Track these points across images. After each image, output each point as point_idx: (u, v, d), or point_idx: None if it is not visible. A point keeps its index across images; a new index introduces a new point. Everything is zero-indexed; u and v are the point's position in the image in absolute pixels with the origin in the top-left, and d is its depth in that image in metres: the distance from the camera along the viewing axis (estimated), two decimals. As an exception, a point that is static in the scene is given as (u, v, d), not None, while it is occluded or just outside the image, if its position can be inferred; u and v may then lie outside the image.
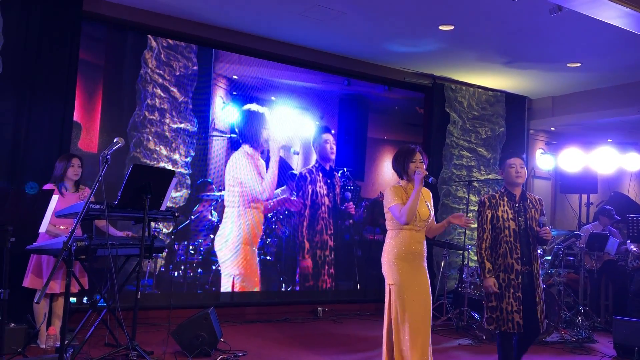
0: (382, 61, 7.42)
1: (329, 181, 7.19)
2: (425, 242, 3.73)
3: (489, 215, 3.83)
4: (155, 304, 5.89)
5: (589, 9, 5.02)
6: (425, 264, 3.72)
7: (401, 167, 3.72)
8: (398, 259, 3.62)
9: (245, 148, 6.59)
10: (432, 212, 3.78)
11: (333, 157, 7.23)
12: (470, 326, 6.18)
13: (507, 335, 3.77)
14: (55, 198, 3.89)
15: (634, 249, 6.75)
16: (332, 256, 7.16)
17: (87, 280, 4.60)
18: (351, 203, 7.36)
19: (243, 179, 6.53)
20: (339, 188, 7.28)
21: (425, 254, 3.72)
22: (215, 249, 6.37)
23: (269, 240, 6.72)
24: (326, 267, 7.11)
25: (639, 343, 5.16)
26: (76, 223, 3.33)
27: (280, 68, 6.93)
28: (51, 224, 4.27)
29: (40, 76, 5.22)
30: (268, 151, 6.74)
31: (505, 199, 3.85)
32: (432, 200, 3.85)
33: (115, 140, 3.64)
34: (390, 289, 3.64)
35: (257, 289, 6.60)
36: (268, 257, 6.71)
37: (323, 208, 7.13)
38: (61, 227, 4.50)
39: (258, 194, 6.59)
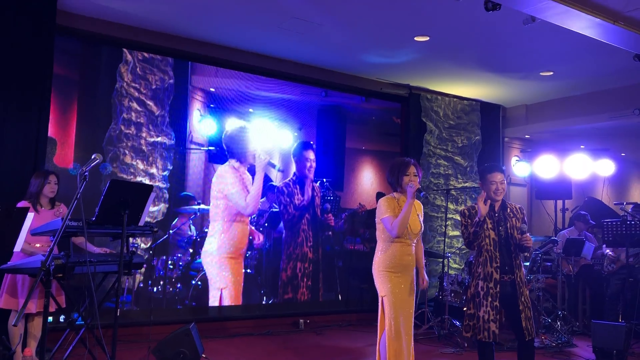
0: (359, 72, 7.46)
1: (308, 193, 7.16)
2: (414, 254, 3.76)
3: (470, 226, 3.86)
4: (135, 320, 5.80)
5: (561, 20, 5.13)
6: (414, 274, 3.75)
7: (395, 180, 3.77)
8: (389, 271, 3.66)
9: (232, 162, 6.56)
10: (422, 225, 3.82)
11: (311, 175, 7.19)
12: (452, 334, 6.20)
13: (486, 343, 3.77)
14: (30, 216, 3.80)
15: (610, 253, 6.86)
16: (311, 268, 7.13)
17: (65, 299, 4.50)
18: (330, 214, 7.35)
19: (227, 193, 6.48)
20: (319, 199, 7.27)
21: (414, 264, 3.76)
22: (202, 263, 6.31)
23: (249, 252, 6.67)
24: (305, 280, 7.07)
25: (617, 346, 5.24)
26: (54, 242, 3.26)
27: (257, 80, 6.92)
28: (26, 242, 4.17)
29: (13, 91, 5.12)
30: (254, 166, 6.73)
31: None
32: (422, 211, 3.88)
33: (93, 157, 3.59)
34: (382, 300, 3.67)
35: (240, 302, 6.56)
36: (248, 270, 6.66)
37: (303, 220, 7.11)
38: (36, 245, 4.40)
39: (241, 208, 6.54)
